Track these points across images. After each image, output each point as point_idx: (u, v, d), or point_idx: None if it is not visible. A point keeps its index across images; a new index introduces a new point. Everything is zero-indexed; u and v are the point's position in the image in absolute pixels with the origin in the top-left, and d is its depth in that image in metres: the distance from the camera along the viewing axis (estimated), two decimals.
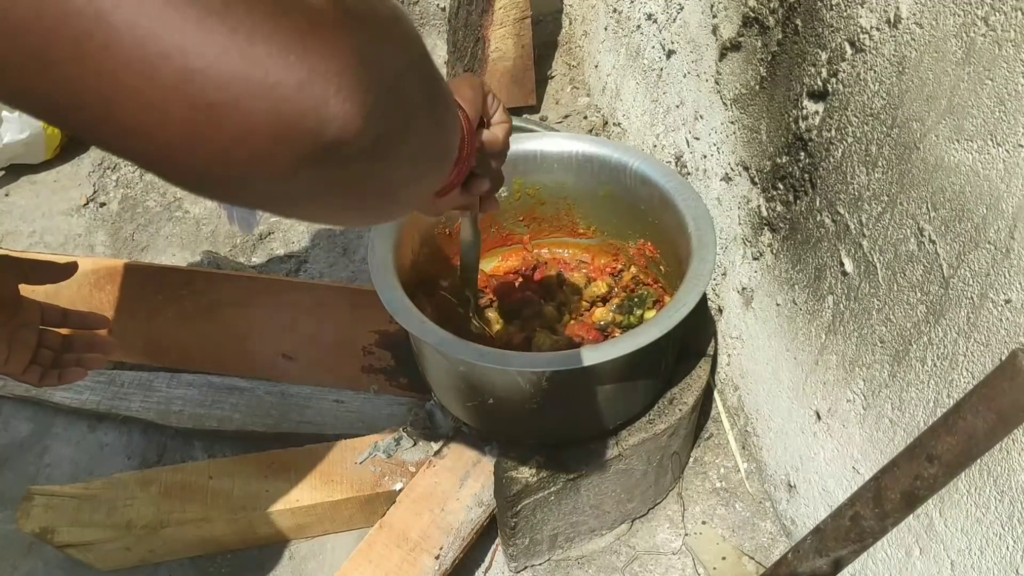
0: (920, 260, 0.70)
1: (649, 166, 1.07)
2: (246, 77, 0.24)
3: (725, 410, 1.23)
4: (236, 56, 0.24)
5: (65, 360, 0.79)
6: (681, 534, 1.12)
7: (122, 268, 1.30)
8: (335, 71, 0.26)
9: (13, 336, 0.74)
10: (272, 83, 0.24)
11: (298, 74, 0.25)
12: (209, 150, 0.25)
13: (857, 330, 0.82)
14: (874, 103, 0.72)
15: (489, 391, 0.95)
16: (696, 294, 0.90)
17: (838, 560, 0.71)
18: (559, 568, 1.09)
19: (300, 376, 1.22)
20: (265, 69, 0.24)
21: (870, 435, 0.83)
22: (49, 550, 1.10)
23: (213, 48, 0.24)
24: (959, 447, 0.57)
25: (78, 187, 1.66)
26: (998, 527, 0.65)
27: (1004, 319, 0.60)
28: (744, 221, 1.05)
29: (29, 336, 0.76)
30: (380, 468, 1.08)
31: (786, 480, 1.07)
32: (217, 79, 0.24)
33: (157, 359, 1.27)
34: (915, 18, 0.64)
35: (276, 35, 0.25)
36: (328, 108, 0.26)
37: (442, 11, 1.95)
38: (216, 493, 1.07)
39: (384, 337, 1.23)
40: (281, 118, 0.25)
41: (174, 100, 0.24)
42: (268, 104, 0.25)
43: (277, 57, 0.25)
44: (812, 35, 0.80)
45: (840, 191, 0.81)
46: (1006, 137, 0.56)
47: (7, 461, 1.23)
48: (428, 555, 1.00)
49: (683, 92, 1.20)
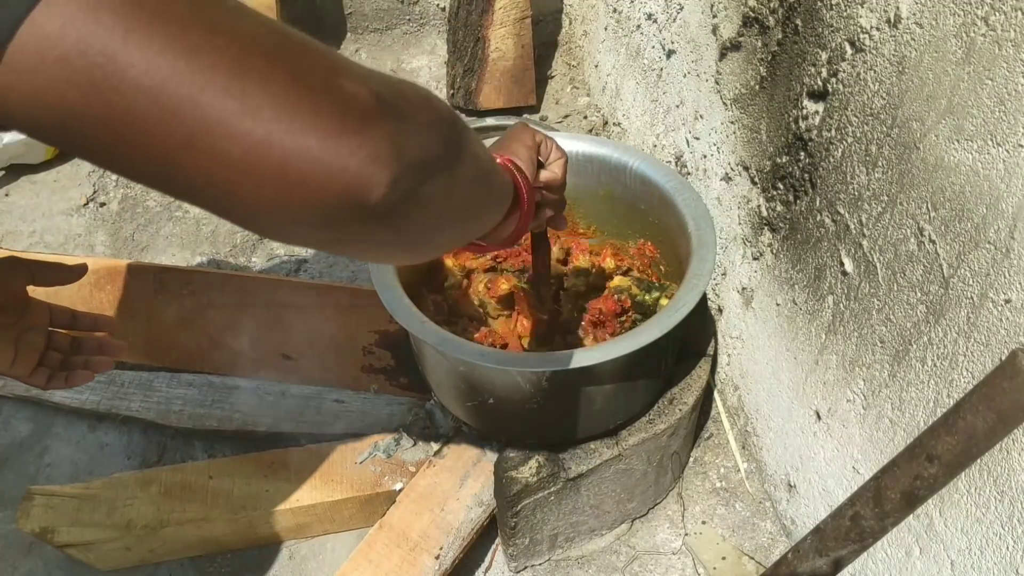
0: (920, 260, 0.70)
1: (649, 166, 1.07)
2: (320, 164, 0.33)
3: (725, 410, 1.23)
4: (315, 150, 0.32)
5: (73, 363, 0.78)
6: (681, 534, 1.12)
7: (122, 268, 1.30)
8: (375, 156, 0.34)
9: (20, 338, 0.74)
10: (338, 168, 0.33)
11: (352, 159, 0.33)
12: (282, 211, 0.34)
13: (857, 330, 0.82)
14: (874, 103, 0.72)
15: (489, 391, 0.95)
16: (696, 294, 0.90)
17: (838, 560, 0.71)
18: (559, 568, 1.09)
19: (300, 376, 1.22)
20: (332, 158, 0.33)
21: (870, 435, 0.83)
22: (49, 550, 1.10)
23: (297, 145, 0.32)
24: (959, 447, 0.57)
25: (78, 187, 1.66)
26: (998, 527, 0.65)
27: (1004, 319, 0.60)
28: (744, 221, 1.05)
29: (37, 338, 0.75)
30: (380, 468, 1.08)
31: (786, 480, 1.07)
32: (300, 167, 0.32)
33: (157, 359, 1.27)
34: (915, 18, 0.64)
35: (340, 134, 0.33)
36: (367, 181, 0.34)
37: (442, 11, 1.96)
38: (216, 493, 1.07)
39: (384, 337, 1.23)
40: (340, 190, 0.33)
41: (269, 180, 0.32)
42: (332, 181, 0.33)
43: (340, 149, 0.33)
44: (812, 35, 0.80)
45: (840, 191, 0.81)
46: (1006, 137, 0.56)
47: (7, 461, 1.23)
48: (428, 555, 1.00)
49: (683, 92, 1.20)
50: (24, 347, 0.74)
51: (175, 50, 0.30)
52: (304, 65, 0.33)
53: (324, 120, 0.32)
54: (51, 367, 0.76)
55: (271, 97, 0.31)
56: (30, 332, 0.75)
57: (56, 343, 0.78)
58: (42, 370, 0.75)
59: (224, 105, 0.30)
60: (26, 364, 0.74)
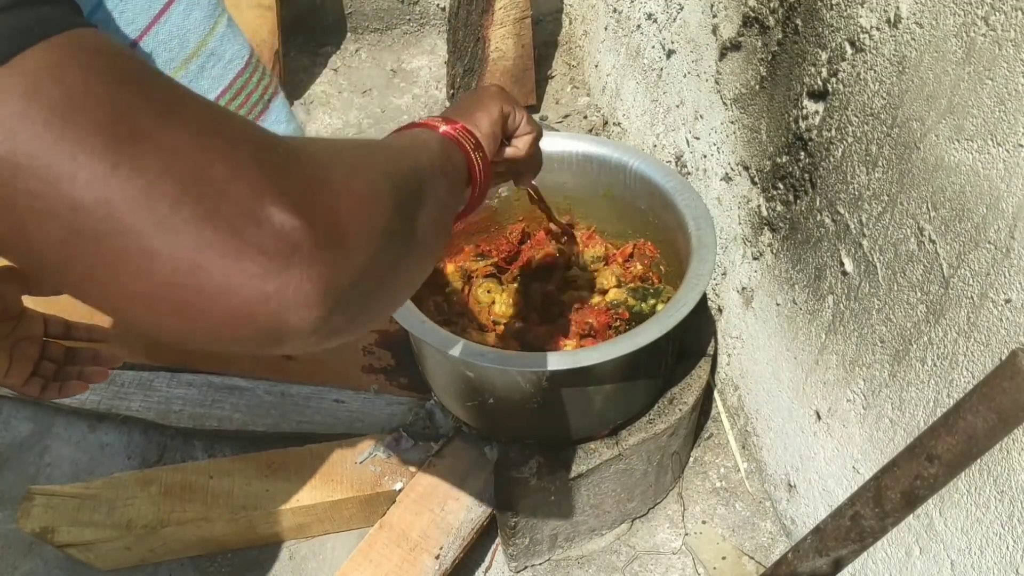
0: (920, 260, 0.70)
1: (649, 166, 1.07)
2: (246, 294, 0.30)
3: (725, 410, 1.23)
4: (243, 280, 0.30)
5: (67, 373, 0.78)
6: (681, 534, 1.12)
7: None
8: (301, 296, 0.31)
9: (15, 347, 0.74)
10: (265, 295, 0.30)
11: (274, 301, 0.30)
12: (203, 334, 0.31)
13: (857, 330, 0.82)
14: (874, 103, 0.72)
15: (489, 391, 0.95)
16: (696, 294, 0.90)
17: (838, 560, 0.71)
18: (559, 568, 1.09)
19: (300, 376, 1.22)
20: (257, 287, 0.30)
21: (870, 435, 0.83)
22: (49, 550, 1.10)
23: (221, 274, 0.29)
24: (959, 447, 0.57)
25: None
26: (998, 527, 0.65)
27: (1004, 319, 0.60)
28: (744, 221, 1.05)
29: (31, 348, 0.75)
30: (380, 468, 1.08)
31: (786, 480, 1.07)
32: (225, 293, 0.30)
33: (157, 358, 1.27)
34: (915, 18, 0.64)
35: (266, 270, 0.30)
36: (293, 319, 0.31)
37: (442, 11, 1.95)
38: (216, 493, 1.07)
39: (384, 337, 1.23)
40: (269, 317, 0.31)
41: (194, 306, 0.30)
42: (259, 307, 0.30)
43: (264, 288, 0.30)
44: (812, 35, 0.80)
45: (840, 191, 0.81)
46: (1006, 137, 0.56)
47: (7, 461, 1.23)
48: (428, 555, 1.00)
49: (683, 92, 1.20)
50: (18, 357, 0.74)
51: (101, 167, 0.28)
52: (229, 193, 0.30)
53: (246, 262, 0.30)
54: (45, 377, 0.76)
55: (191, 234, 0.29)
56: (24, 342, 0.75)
57: (50, 353, 0.77)
58: (36, 380, 0.75)
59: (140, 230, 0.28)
60: (20, 373, 0.74)
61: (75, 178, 0.27)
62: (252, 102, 0.68)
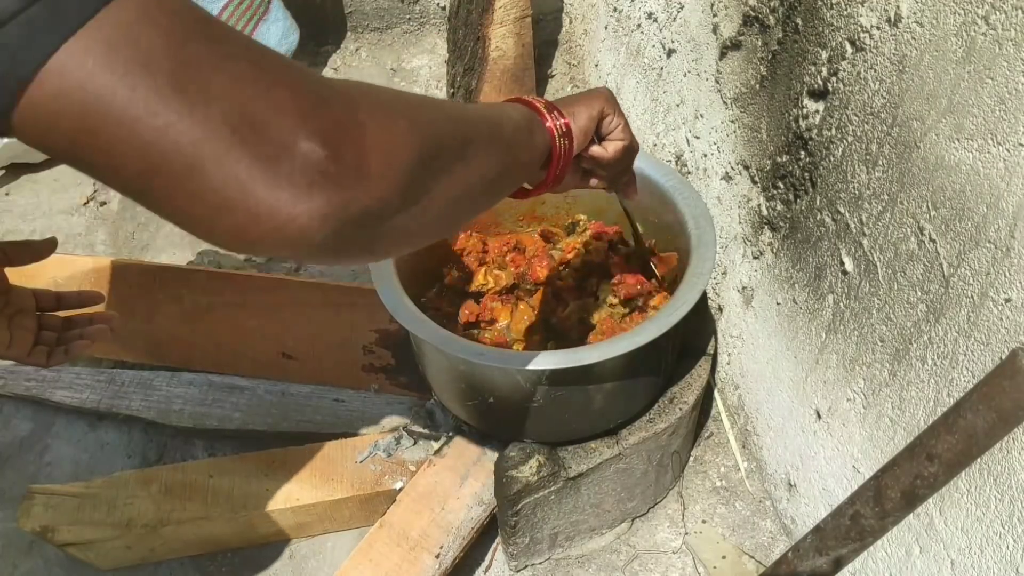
0: (920, 259, 0.70)
1: (649, 165, 1.07)
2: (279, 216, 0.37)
3: (725, 409, 1.23)
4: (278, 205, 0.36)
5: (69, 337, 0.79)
6: (681, 533, 1.12)
7: (122, 267, 1.31)
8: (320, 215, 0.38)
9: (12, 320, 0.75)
10: (292, 216, 0.37)
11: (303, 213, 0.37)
12: (247, 244, 0.38)
13: (857, 329, 0.82)
14: (874, 102, 0.72)
15: (489, 390, 0.95)
16: (696, 293, 0.90)
17: (838, 559, 0.71)
18: (559, 567, 1.09)
19: (300, 375, 1.22)
20: (287, 211, 0.37)
21: (870, 434, 0.83)
22: (49, 549, 1.10)
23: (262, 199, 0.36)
24: (959, 446, 0.58)
25: (78, 186, 1.66)
26: (998, 526, 0.65)
27: (1004, 318, 0.60)
28: (744, 220, 1.05)
29: (28, 320, 0.76)
30: (380, 467, 1.09)
31: (786, 479, 1.07)
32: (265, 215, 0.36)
33: (157, 358, 1.27)
34: (915, 17, 0.64)
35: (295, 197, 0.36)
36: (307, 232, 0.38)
37: (442, 10, 1.95)
38: (216, 492, 1.07)
39: (384, 336, 1.23)
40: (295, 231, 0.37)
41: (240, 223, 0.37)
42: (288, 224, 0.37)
43: (293, 204, 0.37)
44: (812, 34, 0.80)
45: (840, 190, 0.81)
46: (1006, 136, 0.56)
47: (7, 460, 1.23)
48: (428, 554, 1.00)
49: (683, 91, 1.20)
50: (17, 329, 0.75)
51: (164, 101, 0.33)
52: (269, 134, 0.36)
53: (280, 191, 0.36)
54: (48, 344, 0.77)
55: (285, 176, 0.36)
56: (19, 315, 0.76)
57: (48, 324, 0.79)
58: (40, 349, 0.76)
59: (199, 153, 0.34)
60: (23, 344, 0.75)
61: (148, 123, 0.33)
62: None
